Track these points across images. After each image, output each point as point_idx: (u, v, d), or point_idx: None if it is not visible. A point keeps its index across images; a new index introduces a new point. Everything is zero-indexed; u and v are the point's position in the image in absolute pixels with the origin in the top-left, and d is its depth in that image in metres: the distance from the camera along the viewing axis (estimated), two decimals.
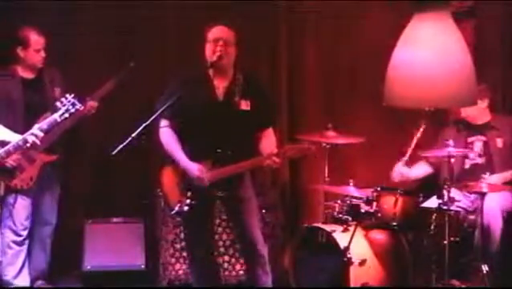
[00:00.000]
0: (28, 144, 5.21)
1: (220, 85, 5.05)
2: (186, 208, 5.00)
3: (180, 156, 5.04)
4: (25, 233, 5.79)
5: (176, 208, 5.04)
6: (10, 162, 5.48)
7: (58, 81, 5.82)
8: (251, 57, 5.98)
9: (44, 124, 5.22)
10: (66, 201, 6.19)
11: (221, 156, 4.98)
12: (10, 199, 5.67)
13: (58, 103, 5.19)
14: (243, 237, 5.18)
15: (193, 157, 5.03)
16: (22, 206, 5.72)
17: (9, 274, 5.78)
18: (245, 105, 5.03)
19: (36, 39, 5.67)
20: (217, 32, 5.01)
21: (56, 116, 5.18)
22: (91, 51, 6.51)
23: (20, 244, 5.79)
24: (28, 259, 5.88)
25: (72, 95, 5.20)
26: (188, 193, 5.01)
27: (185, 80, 5.04)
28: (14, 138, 5.26)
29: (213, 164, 5.00)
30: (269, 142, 5.05)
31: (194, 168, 4.99)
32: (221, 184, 5.02)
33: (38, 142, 5.22)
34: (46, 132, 5.26)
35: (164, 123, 5.06)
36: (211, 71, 5.01)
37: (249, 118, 5.03)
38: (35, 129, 5.20)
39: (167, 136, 5.08)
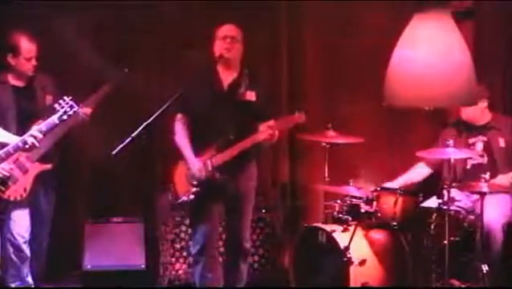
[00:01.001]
0: (27, 146, 5.18)
1: (227, 78, 5.31)
2: (192, 196, 5.21)
3: (184, 150, 5.27)
4: (25, 246, 5.69)
5: (184, 197, 5.24)
6: (3, 172, 5.37)
7: (50, 88, 5.73)
8: (251, 56, 5.98)
9: (43, 125, 5.18)
10: (66, 202, 6.19)
11: (225, 142, 5.20)
12: (6, 212, 5.58)
13: (56, 105, 5.13)
14: (233, 234, 5.41)
15: (200, 146, 5.25)
16: (20, 218, 5.64)
17: (13, 286, 5.71)
18: (250, 96, 5.28)
19: (27, 47, 5.55)
20: (225, 30, 5.30)
21: (55, 118, 5.12)
22: (85, 58, 6.49)
23: (22, 259, 5.69)
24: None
25: (70, 98, 5.15)
26: (195, 182, 5.21)
27: (195, 74, 5.37)
28: (12, 140, 5.23)
29: (219, 151, 5.20)
30: (268, 122, 5.23)
31: (193, 162, 5.22)
32: (224, 172, 5.21)
33: (36, 143, 5.18)
34: (45, 134, 5.21)
35: (179, 116, 5.34)
36: (219, 66, 5.29)
37: (255, 108, 5.27)
38: (34, 130, 5.16)
39: (179, 130, 5.33)
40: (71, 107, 5.12)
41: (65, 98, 5.15)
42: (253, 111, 5.27)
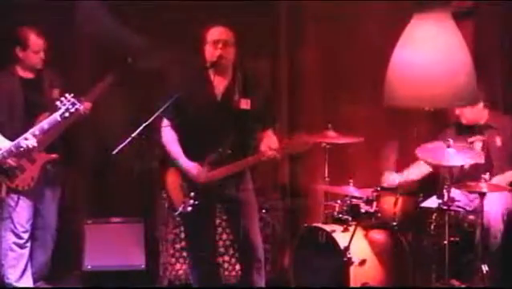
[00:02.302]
0: (21, 149, 5.25)
1: (220, 84, 5.09)
2: (190, 208, 5.03)
3: (178, 157, 5.09)
4: (26, 235, 5.77)
5: (180, 208, 5.07)
6: (11, 162, 5.47)
7: (57, 82, 5.81)
8: (251, 57, 5.99)
9: (45, 123, 5.25)
10: (66, 202, 6.20)
11: (221, 155, 5.01)
12: (12, 201, 5.65)
13: (58, 103, 5.20)
14: (241, 240, 5.21)
15: (193, 157, 5.06)
16: (23, 208, 5.71)
17: (11, 277, 5.77)
18: (245, 104, 5.06)
19: (35, 41, 5.65)
20: (216, 34, 5.06)
21: (57, 116, 5.20)
22: (90, 52, 6.50)
23: (22, 247, 5.77)
24: (30, 261, 5.87)
25: (72, 95, 5.21)
26: (192, 194, 5.04)
27: (185, 80, 5.09)
28: (5, 144, 5.29)
29: (214, 164, 5.02)
30: (269, 141, 5.05)
31: (191, 167, 5.04)
32: (222, 186, 5.06)
33: (30, 146, 5.23)
34: (47, 131, 5.29)
35: (165, 122, 5.10)
36: (211, 71, 5.04)
37: (250, 117, 5.07)
38: (28, 134, 5.22)
39: (168, 136, 5.13)
40: (73, 104, 5.18)
41: (67, 95, 5.21)
42: (250, 119, 5.06)
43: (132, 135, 4.73)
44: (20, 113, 5.65)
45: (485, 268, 5.33)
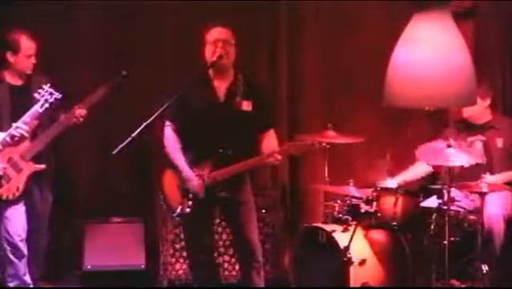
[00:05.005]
0: (16, 139, 5.24)
1: (221, 86, 5.08)
2: (188, 210, 5.01)
3: (179, 164, 5.07)
4: (22, 244, 5.66)
5: (178, 210, 5.06)
6: None
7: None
8: (251, 58, 5.98)
9: (27, 116, 5.22)
10: (66, 202, 6.19)
11: (222, 156, 5.00)
12: (2, 211, 5.57)
13: (36, 95, 5.17)
14: (240, 241, 5.22)
15: (194, 159, 5.05)
16: (16, 217, 5.61)
17: (11, 285, 5.70)
18: (246, 106, 5.05)
19: (27, 45, 5.53)
20: (215, 33, 5.04)
21: (37, 107, 5.18)
22: (85, 57, 6.49)
23: (20, 257, 5.66)
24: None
25: (48, 85, 5.18)
26: (190, 195, 5.03)
27: (186, 81, 5.08)
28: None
29: (215, 165, 5.01)
30: (270, 143, 5.06)
31: (192, 178, 5.01)
32: (221, 186, 5.04)
33: (25, 133, 5.23)
34: (30, 123, 5.24)
35: (167, 124, 5.10)
36: (211, 72, 5.04)
37: (251, 119, 5.06)
38: (19, 122, 5.21)
39: (170, 140, 5.11)
40: (51, 94, 5.17)
41: (44, 87, 5.19)
42: (251, 121, 5.04)
43: (132, 135, 4.73)
44: (8, 121, 5.50)
45: (485, 268, 5.33)
